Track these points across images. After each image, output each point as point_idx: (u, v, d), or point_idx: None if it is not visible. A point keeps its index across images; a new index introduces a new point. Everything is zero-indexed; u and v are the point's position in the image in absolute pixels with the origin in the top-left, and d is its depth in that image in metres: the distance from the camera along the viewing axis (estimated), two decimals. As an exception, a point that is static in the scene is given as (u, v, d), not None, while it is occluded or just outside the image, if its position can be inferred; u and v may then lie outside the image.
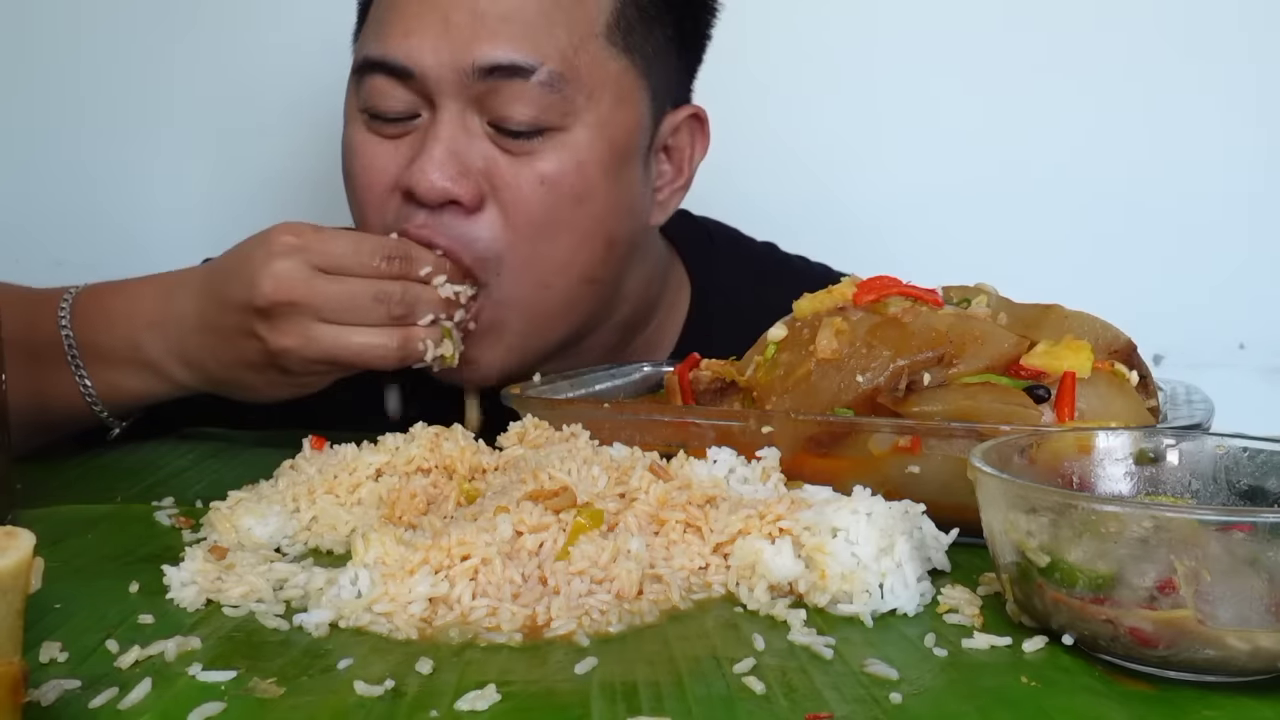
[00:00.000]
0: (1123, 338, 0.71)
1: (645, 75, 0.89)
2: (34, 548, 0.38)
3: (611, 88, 0.86)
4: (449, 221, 0.83)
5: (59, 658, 0.47)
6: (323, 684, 0.44)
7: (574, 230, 0.86)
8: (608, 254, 0.89)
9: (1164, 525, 0.44)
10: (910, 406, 0.65)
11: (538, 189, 0.84)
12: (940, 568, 0.57)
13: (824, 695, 0.43)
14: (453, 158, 0.82)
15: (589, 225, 0.86)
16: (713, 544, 0.57)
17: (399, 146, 0.85)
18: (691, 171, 0.96)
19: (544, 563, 0.54)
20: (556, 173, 0.84)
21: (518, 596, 0.52)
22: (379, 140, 0.86)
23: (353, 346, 0.78)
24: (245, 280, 0.78)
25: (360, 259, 0.79)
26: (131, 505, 0.71)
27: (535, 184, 0.83)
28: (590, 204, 0.86)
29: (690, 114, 0.94)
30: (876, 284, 0.73)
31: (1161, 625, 0.43)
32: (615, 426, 0.71)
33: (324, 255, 0.78)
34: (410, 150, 0.84)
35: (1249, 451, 0.55)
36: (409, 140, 0.85)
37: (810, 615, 0.52)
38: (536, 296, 0.86)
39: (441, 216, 0.83)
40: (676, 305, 1.05)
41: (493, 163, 0.83)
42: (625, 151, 0.88)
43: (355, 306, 0.78)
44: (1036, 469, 0.55)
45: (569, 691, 0.43)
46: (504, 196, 0.83)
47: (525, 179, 0.83)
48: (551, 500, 0.57)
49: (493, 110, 0.83)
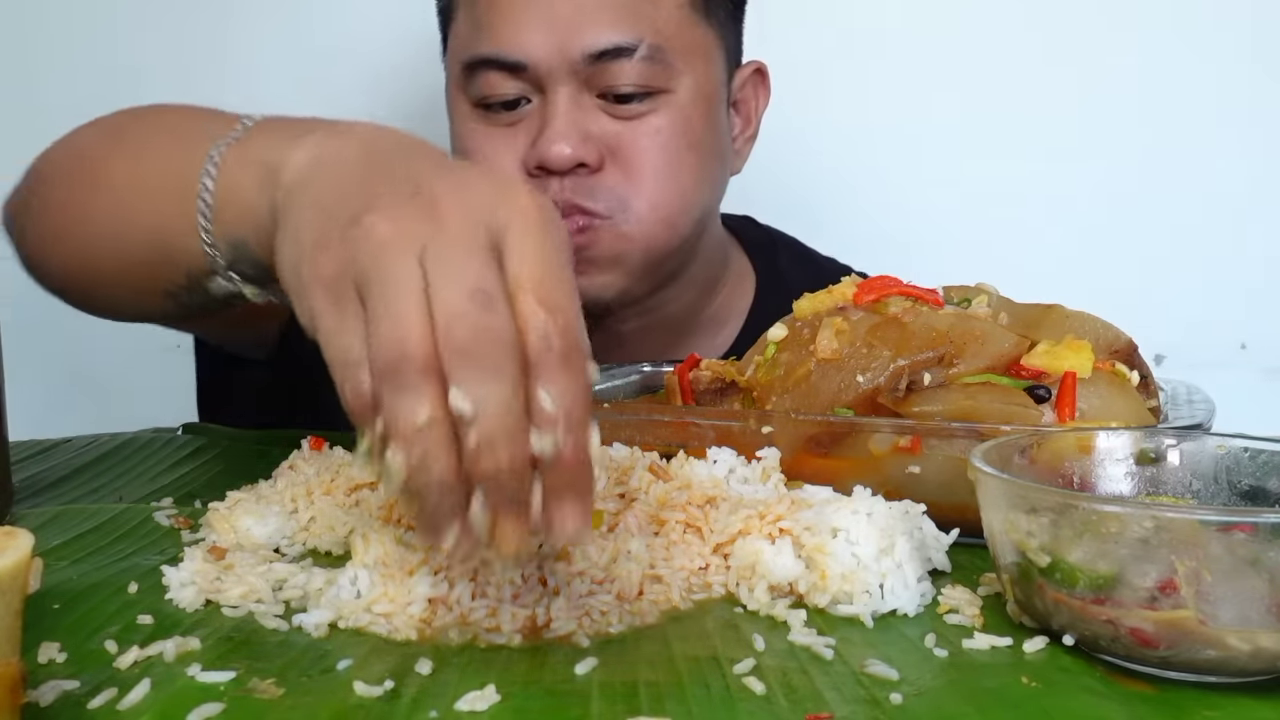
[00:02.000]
0: (1123, 338, 0.71)
1: (720, 37, 0.99)
2: (33, 548, 0.37)
3: (699, 50, 0.97)
4: (578, 183, 0.92)
5: (57, 658, 0.47)
6: (322, 684, 0.44)
7: (689, 174, 0.96)
8: (711, 197, 1.02)
9: (1165, 525, 0.44)
10: (910, 406, 0.65)
11: (655, 140, 0.94)
12: (940, 568, 0.57)
13: (824, 696, 0.43)
14: (573, 127, 0.92)
15: (699, 170, 0.97)
16: (713, 544, 0.57)
17: (515, 133, 0.94)
18: (758, 122, 1.07)
19: (544, 563, 0.54)
20: (668, 126, 0.94)
21: (517, 597, 0.51)
22: (496, 130, 0.95)
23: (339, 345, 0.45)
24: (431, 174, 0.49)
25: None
26: (131, 505, 0.71)
27: (651, 136, 0.94)
28: (698, 151, 0.97)
29: (754, 69, 1.06)
30: (876, 284, 0.73)
31: (1162, 626, 0.43)
32: (615, 426, 0.71)
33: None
34: (526, 134, 0.94)
35: (1250, 451, 0.54)
36: (524, 125, 0.94)
37: (810, 615, 0.52)
38: (656, 232, 0.96)
39: (569, 180, 0.92)
40: (740, 291, 1.13)
41: (607, 129, 0.94)
42: (717, 105, 0.99)
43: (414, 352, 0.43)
44: (1037, 469, 0.55)
45: (569, 692, 0.43)
46: (623, 154, 0.94)
47: (641, 134, 0.94)
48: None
49: (600, 85, 0.93)
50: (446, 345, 0.42)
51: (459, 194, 0.46)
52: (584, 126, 0.92)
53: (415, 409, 0.41)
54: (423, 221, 0.44)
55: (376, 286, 0.43)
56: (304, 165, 0.54)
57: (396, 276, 0.43)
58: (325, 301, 0.45)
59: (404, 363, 0.42)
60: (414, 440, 0.41)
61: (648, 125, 0.94)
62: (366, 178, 0.50)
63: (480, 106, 0.95)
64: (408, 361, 0.41)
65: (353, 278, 0.44)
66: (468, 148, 0.96)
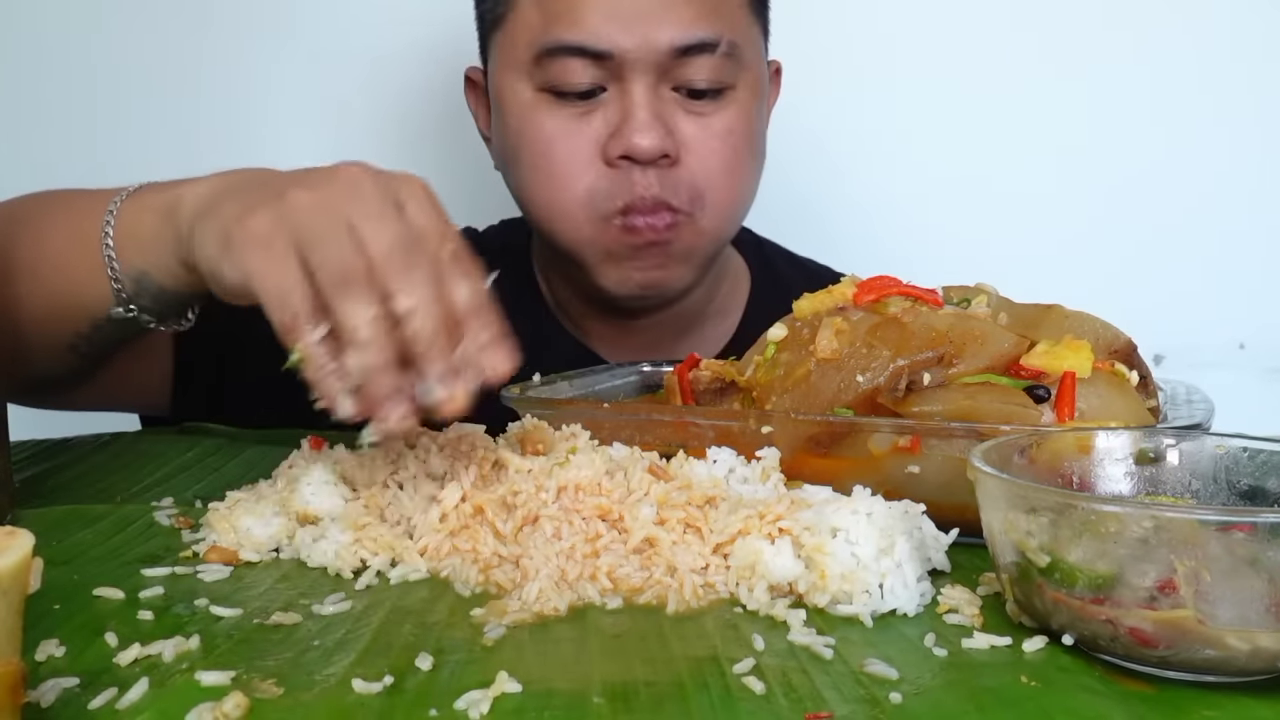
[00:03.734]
0: (1123, 338, 0.71)
1: (763, 34, 1.03)
2: (34, 547, 0.38)
3: (754, 48, 1.00)
4: (661, 175, 0.95)
5: (57, 656, 0.47)
6: (321, 682, 0.44)
7: (748, 170, 1.01)
8: (756, 192, 1.05)
9: (1164, 525, 0.44)
10: (910, 406, 0.65)
11: (726, 139, 0.97)
12: (940, 568, 0.57)
13: (824, 695, 0.43)
14: (657, 119, 0.94)
15: (754, 166, 1.02)
16: (713, 544, 0.57)
17: (590, 120, 0.95)
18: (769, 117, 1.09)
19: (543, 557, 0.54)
20: (734, 124, 0.98)
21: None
22: (570, 116, 0.96)
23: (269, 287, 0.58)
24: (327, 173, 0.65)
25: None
26: (130, 505, 0.71)
27: (723, 135, 0.97)
28: (754, 147, 1.02)
29: (775, 68, 1.09)
30: (876, 284, 0.73)
31: (1161, 625, 0.43)
32: (615, 426, 0.71)
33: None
34: (602, 122, 0.95)
35: (1249, 451, 0.55)
36: (599, 113, 0.95)
37: (810, 615, 0.52)
38: (725, 227, 1.02)
39: (652, 171, 0.94)
40: (738, 285, 1.16)
41: (682, 123, 0.96)
42: (762, 101, 1.03)
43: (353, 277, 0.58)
44: (1036, 469, 0.55)
45: (569, 691, 0.43)
46: (697, 149, 0.96)
47: (712, 133, 0.96)
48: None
49: (678, 78, 0.95)
50: (388, 268, 0.57)
51: (370, 176, 0.62)
52: (663, 118, 0.94)
53: (367, 307, 0.56)
54: (347, 195, 0.60)
55: (318, 236, 0.58)
56: (204, 194, 0.68)
57: (336, 227, 0.58)
58: (258, 251, 0.59)
59: (353, 280, 0.57)
60: (363, 333, 0.56)
61: (720, 121, 0.97)
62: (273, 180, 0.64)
63: (549, 93, 0.95)
64: (355, 279, 0.57)
65: (288, 232, 0.58)
66: (535, 133, 0.96)
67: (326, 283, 0.57)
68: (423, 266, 0.58)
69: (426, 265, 0.58)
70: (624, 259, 0.98)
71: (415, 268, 0.57)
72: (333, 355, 0.57)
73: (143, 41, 1.42)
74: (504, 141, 1.00)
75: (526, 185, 0.99)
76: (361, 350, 0.56)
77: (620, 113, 0.94)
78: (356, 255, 0.57)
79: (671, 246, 0.98)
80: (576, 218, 0.97)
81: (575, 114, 0.95)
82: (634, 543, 0.57)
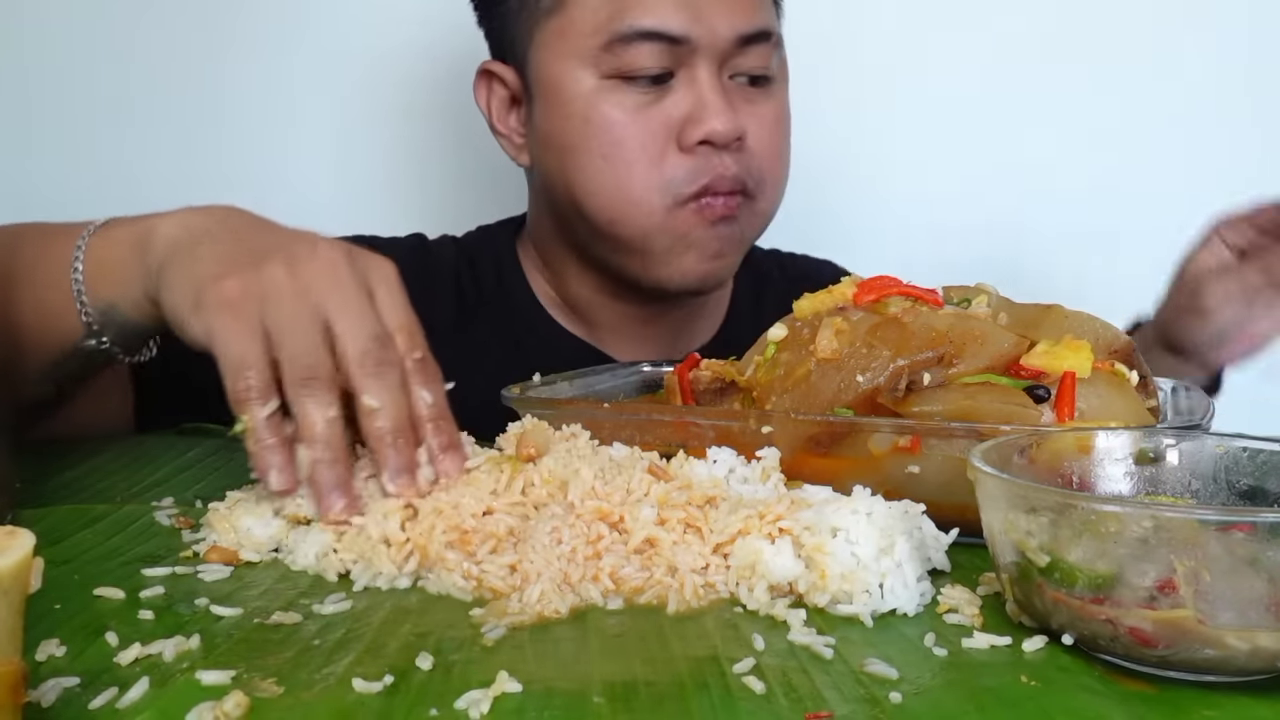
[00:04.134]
0: (1123, 338, 0.71)
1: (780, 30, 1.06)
2: (34, 547, 0.38)
3: (781, 42, 1.03)
4: (735, 156, 0.97)
5: (58, 657, 0.47)
6: (321, 682, 0.44)
7: (789, 157, 1.05)
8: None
9: (1164, 525, 0.44)
10: (910, 406, 0.65)
11: (776, 126, 1.02)
12: (940, 568, 0.57)
13: (824, 695, 0.43)
14: (729, 104, 0.96)
15: (790, 153, 1.06)
16: (713, 544, 0.57)
17: (660, 106, 0.97)
18: None
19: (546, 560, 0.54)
20: (780, 112, 1.03)
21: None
22: (640, 103, 0.97)
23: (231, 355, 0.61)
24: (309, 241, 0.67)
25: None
26: (130, 505, 0.71)
27: (773, 122, 1.01)
28: (790, 135, 1.05)
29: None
30: (876, 284, 0.73)
31: (1161, 625, 0.43)
32: (615, 426, 0.71)
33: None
34: (673, 107, 0.96)
35: (1249, 451, 0.55)
36: (669, 99, 0.97)
37: (810, 615, 0.52)
38: (773, 212, 1.05)
39: (728, 155, 0.97)
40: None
41: (742, 109, 0.98)
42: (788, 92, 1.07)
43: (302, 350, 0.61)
44: (1036, 469, 0.55)
45: (569, 691, 0.43)
46: (754, 134, 0.98)
47: (765, 119, 1.00)
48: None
49: (736, 66, 0.98)
50: (360, 370, 0.61)
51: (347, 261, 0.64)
52: (731, 102, 0.97)
53: (327, 409, 0.60)
54: (324, 281, 0.62)
55: (290, 326, 0.61)
56: (175, 232, 0.69)
57: (310, 320, 0.61)
58: (226, 316, 0.61)
59: (316, 380, 0.60)
60: (318, 430, 0.60)
61: (769, 109, 1.00)
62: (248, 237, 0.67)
63: (617, 78, 0.96)
64: (319, 380, 0.60)
65: (259, 308, 0.61)
66: (604, 121, 0.96)
67: (291, 377, 0.60)
68: (393, 373, 0.62)
69: (397, 372, 0.62)
70: (692, 246, 0.99)
71: (384, 375, 0.61)
72: (275, 430, 0.60)
73: (149, 40, 1.42)
74: (561, 132, 0.99)
75: (591, 174, 0.98)
76: (314, 446, 0.60)
77: (692, 98, 0.96)
78: (327, 356, 0.61)
79: (741, 234, 1.01)
80: (651, 204, 0.97)
81: (645, 100, 0.96)
82: (635, 543, 0.57)
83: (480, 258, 1.15)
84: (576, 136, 0.98)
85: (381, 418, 0.60)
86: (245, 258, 0.64)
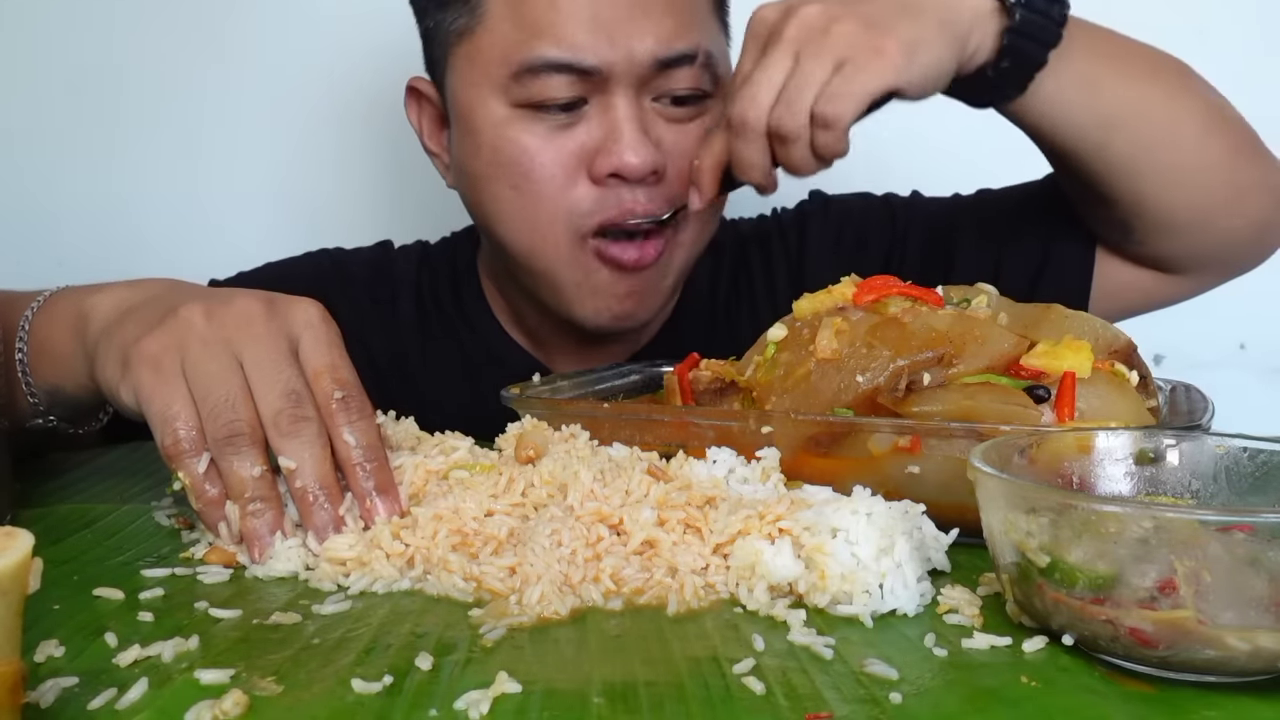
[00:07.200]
0: (1123, 338, 0.71)
1: (727, 38, 1.00)
2: (34, 548, 0.38)
3: (722, 54, 0.98)
4: (650, 192, 0.93)
5: (58, 657, 0.47)
6: (321, 681, 0.44)
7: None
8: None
9: (1164, 525, 0.44)
10: (910, 406, 0.65)
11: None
12: (940, 568, 0.57)
13: (824, 695, 0.43)
14: (643, 136, 0.91)
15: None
16: (713, 544, 0.57)
17: (572, 134, 0.92)
18: None
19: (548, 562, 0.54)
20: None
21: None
22: (549, 131, 0.92)
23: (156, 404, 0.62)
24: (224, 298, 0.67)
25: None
26: (130, 505, 0.71)
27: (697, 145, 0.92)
28: None
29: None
30: (876, 284, 0.73)
31: (1162, 625, 0.43)
32: (615, 426, 0.71)
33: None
34: (585, 135, 0.92)
35: (1249, 451, 0.54)
36: (581, 126, 0.92)
37: (810, 615, 0.52)
38: (702, 237, 1.00)
39: (641, 190, 0.92)
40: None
41: (664, 133, 0.93)
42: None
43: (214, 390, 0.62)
44: (1036, 469, 0.55)
45: (568, 691, 0.43)
46: (677, 162, 0.93)
47: (692, 140, 0.93)
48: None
49: (658, 89, 0.92)
50: (274, 431, 0.61)
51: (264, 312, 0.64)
52: (648, 131, 0.92)
53: (252, 466, 0.60)
54: (239, 331, 0.63)
55: (207, 380, 0.61)
56: (110, 310, 0.69)
57: (225, 374, 0.61)
58: (149, 373, 0.62)
59: (238, 436, 0.60)
60: (246, 487, 0.60)
61: (698, 128, 0.94)
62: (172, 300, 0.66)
63: (527, 108, 0.91)
64: (241, 437, 0.60)
65: (178, 356, 0.62)
66: (513, 150, 0.92)
67: (214, 435, 0.61)
68: (308, 428, 0.61)
69: (312, 426, 0.61)
70: (599, 288, 0.95)
71: (300, 432, 0.61)
72: (215, 482, 0.61)
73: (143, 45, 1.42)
74: (473, 160, 0.96)
75: (502, 204, 0.95)
76: (241, 503, 0.60)
77: (605, 127, 0.91)
78: (247, 409, 0.61)
79: (653, 268, 0.95)
80: (557, 235, 0.93)
81: (555, 128, 0.91)
82: (634, 544, 0.57)
83: (442, 267, 1.13)
84: (487, 166, 0.94)
85: (299, 476, 0.60)
86: (166, 315, 0.64)
